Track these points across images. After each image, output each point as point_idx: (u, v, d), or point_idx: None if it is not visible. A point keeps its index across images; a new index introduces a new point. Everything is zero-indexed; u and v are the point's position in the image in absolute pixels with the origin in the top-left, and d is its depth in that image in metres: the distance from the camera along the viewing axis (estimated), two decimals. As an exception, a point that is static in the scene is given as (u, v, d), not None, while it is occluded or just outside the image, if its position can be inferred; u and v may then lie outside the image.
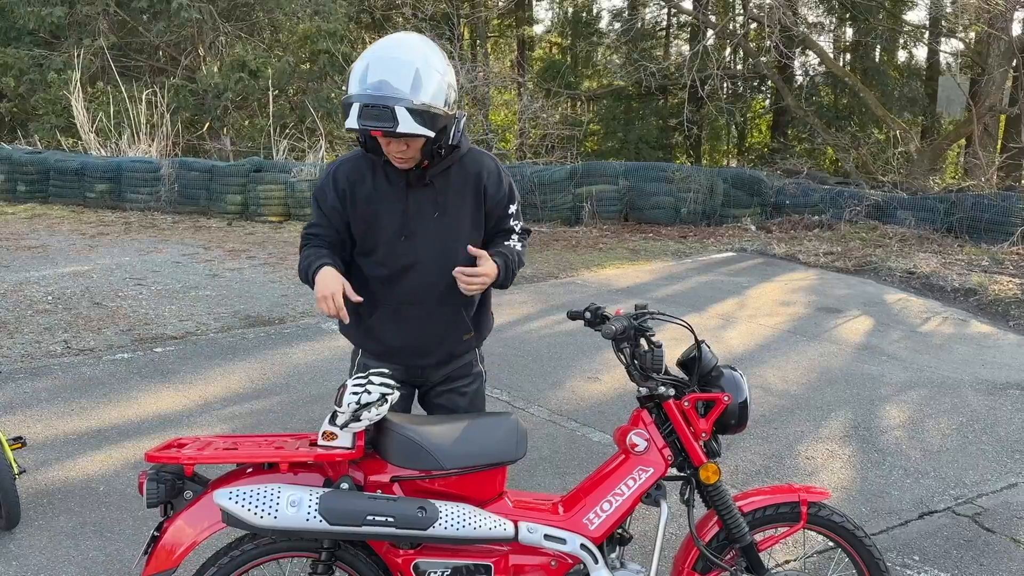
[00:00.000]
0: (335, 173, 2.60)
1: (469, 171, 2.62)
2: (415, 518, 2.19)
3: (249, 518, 2.11)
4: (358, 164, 2.59)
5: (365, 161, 2.58)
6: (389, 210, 2.55)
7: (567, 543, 2.36)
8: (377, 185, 2.56)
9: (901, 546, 3.64)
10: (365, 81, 2.34)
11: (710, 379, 2.52)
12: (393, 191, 2.55)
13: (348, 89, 2.40)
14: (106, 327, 6.59)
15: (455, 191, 2.59)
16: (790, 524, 2.53)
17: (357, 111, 2.31)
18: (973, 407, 5.25)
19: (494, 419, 2.45)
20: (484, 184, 2.63)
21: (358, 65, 2.40)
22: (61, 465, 4.18)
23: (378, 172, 2.56)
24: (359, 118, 2.31)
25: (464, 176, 2.61)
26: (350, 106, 2.33)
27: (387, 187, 2.55)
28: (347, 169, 2.59)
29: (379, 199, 2.55)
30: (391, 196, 2.55)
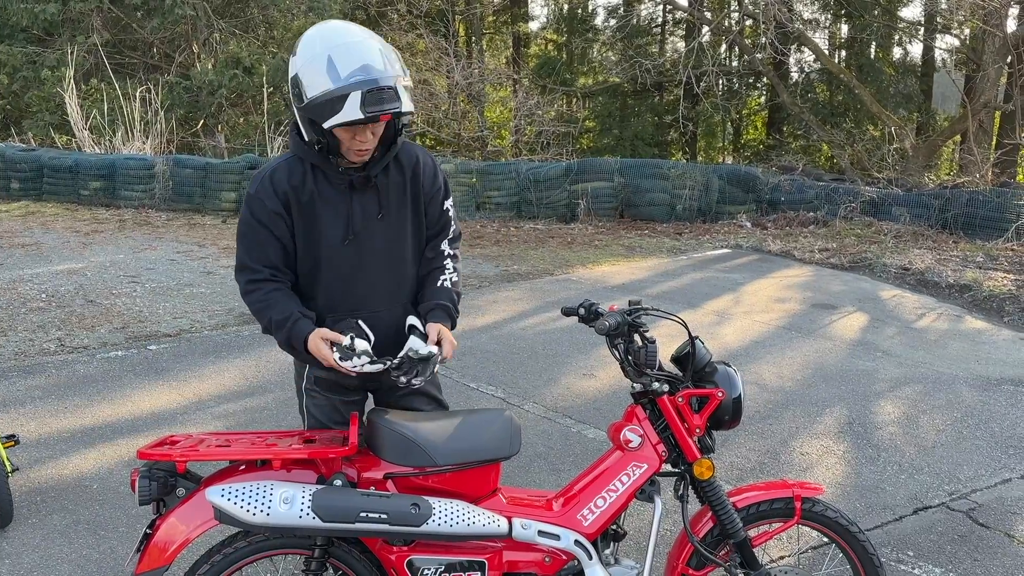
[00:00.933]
0: (271, 178, 2.40)
1: (405, 166, 2.52)
2: (409, 515, 2.19)
3: (242, 515, 2.10)
4: (294, 168, 2.42)
5: (300, 165, 2.41)
6: (332, 213, 2.43)
7: (561, 539, 2.36)
8: (319, 188, 2.41)
9: (895, 541, 3.64)
10: (342, 71, 2.20)
11: (704, 375, 2.52)
12: (336, 194, 2.42)
13: (309, 90, 2.23)
14: (100, 325, 6.57)
15: (396, 190, 2.50)
16: (784, 520, 2.53)
17: (359, 99, 2.18)
18: (967, 403, 5.26)
19: (488, 415, 2.45)
20: (421, 179, 2.54)
21: (316, 60, 2.23)
22: (54, 463, 4.17)
23: (317, 175, 2.41)
24: (364, 106, 2.18)
25: (402, 173, 2.51)
26: (342, 98, 2.18)
27: (329, 190, 2.42)
28: (283, 174, 2.40)
29: (322, 202, 2.42)
30: (334, 199, 2.42)
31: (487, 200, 11.98)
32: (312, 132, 2.33)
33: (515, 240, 10.57)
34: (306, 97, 2.26)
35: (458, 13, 19.75)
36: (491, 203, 11.97)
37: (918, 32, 19.59)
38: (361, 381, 2.51)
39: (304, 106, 2.28)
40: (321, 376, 2.53)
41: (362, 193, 2.45)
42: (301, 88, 2.27)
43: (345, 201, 2.44)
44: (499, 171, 12.13)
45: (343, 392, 2.57)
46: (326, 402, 2.57)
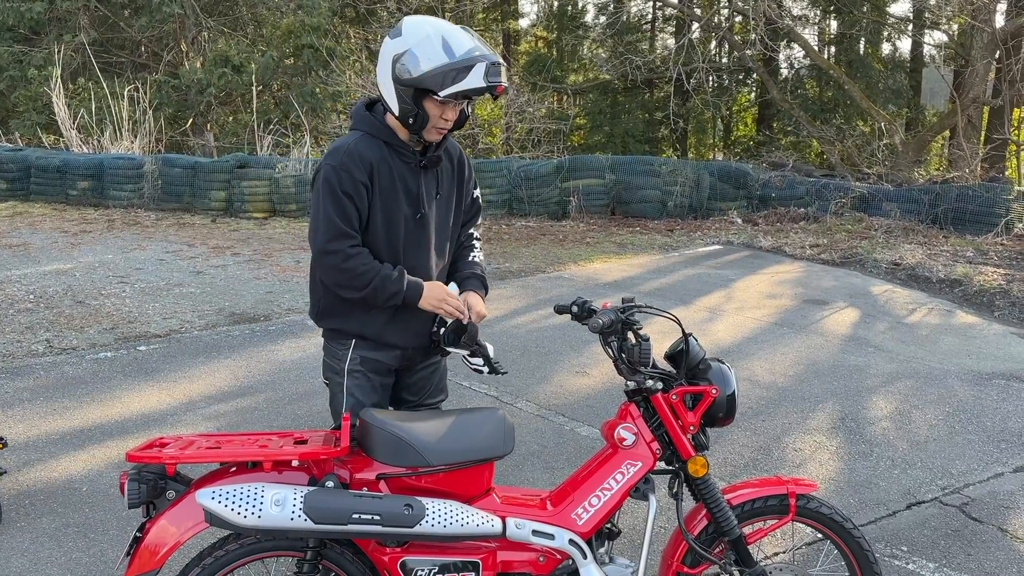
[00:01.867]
0: (355, 153, 2.51)
1: (452, 155, 2.74)
2: (402, 516, 2.17)
3: (233, 518, 2.08)
4: (370, 144, 2.55)
5: (373, 144, 2.55)
6: (406, 189, 2.58)
7: (555, 539, 2.34)
8: (393, 165, 2.56)
9: (889, 536, 3.64)
10: (457, 50, 2.39)
11: (698, 372, 2.50)
12: (408, 170, 2.59)
13: (424, 63, 2.40)
14: (89, 326, 6.53)
15: (447, 173, 2.71)
16: (779, 517, 2.53)
17: (484, 70, 2.38)
18: (959, 397, 5.27)
19: (481, 414, 2.43)
20: (465, 167, 2.78)
21: (429, 40, 2.41)
22: (43, 466, 4.13)
23: (391, 151, 2.57)
24: (487, 76, 2.38)
25: (450, 160, 2.73)
26: (467, 69, 2.37)
27: (403, 166, 2.58)
28: (359, 153, 2.53)
29: (396, 178, 2.57)
30: (407, 175, 2.59)
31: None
32: (412, 105, 2.46)
33: (507, 238, 10.55)
34: (420, 70, 2.41)
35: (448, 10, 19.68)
36: (482, 201, 11.93)
37: (907, 28, 19.63)
38: (397, 361, 2.69)
39: (416, 77, 2.41)
40: (368, 356, 2.64)
41: (427, 172, 2.63)
42: (415, 62, 2.42)
43: (415, 179, 2.60)
44: (490, 168, 12.10)
45: (383, 372, 2.68)
46: (368, 383, 2.65)
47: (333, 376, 2.69)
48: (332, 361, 2.70)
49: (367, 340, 2.63)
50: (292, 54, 16.99)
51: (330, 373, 2.71)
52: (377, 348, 2.63)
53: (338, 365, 2.67)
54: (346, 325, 2.64)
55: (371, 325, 2.61)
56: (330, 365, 2.71)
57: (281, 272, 8.49)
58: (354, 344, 2.64)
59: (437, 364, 2.86)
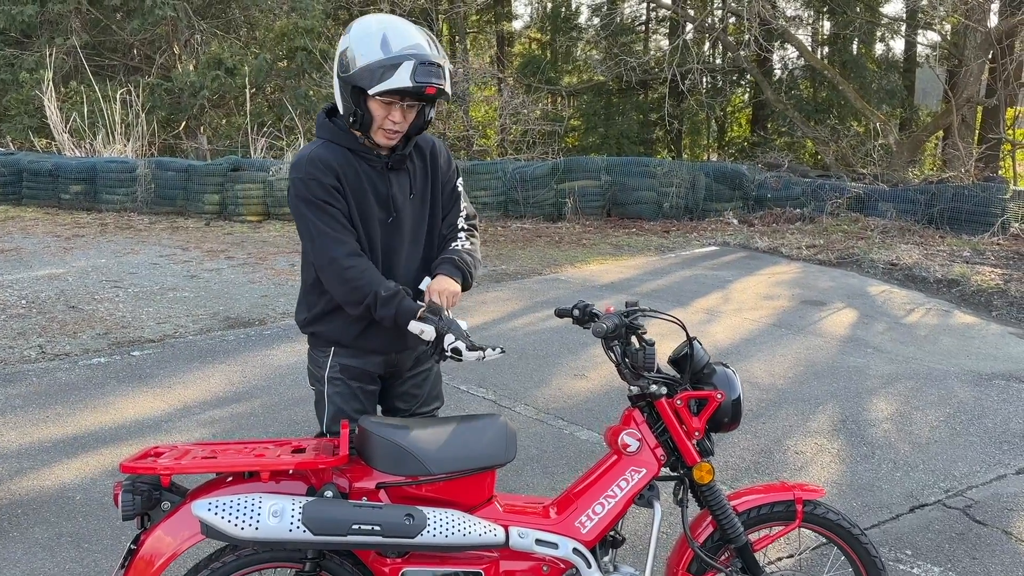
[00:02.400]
0: (316, 161, 2.43)
1: (424, 150, 2.63)
2: (402, 526, 2.12)
3: (229, 530, 2.03)
4: (333, 150, 2.46)
5: (335, 150, 2.46)
6: (376, 192, 2.50)
7: (559, 547, 2.30)
8: (359, 169, 2.48)
9: (893, 540, 3.60)
10: (394, 46, 2.31)
11: (702, 376, 2.46)
12: (376, 173, 2.50)
13: (359, 60, 2.32)
14: (82, 331, 6.46)
15: (420, 171, 2.61)
16: (785, 523, 2.49)
17: (411, 69, 2.28)
18: (960, 398, 5.24)
19: (482, 421, 2.38)
20: (439, 159, 2.66)
21: (370, 35, 2.34)
22: (36, 474, 4.07)
23: (356, 157, 2.48)
24: (414, 75, 2.28)
25: (422, 157, 2.63)
26: (394, 67, 2.28)
27: (370, 169, 2.49)
28: (326, 154, 2.45)
29: (365, 182, 2.48)
30: (375, 179, 2.50)
31: (474, 200, 11.90)
32: (351, 103, 2.38)
33: (503, 240, 10.51)
34: (355, 66, 2.34)
35: (441, 12, 19.64)
36: (478, 203, 11.89)
37: (900, 28, 19.65)
38: (380, 368, 2.61)
39: (351, 74, 2.34)
40: (347, 364, 2.57)
41: (397, 174, 2.54)
42: (351, 58, 2.35)
43: (384, 181, 2.51)
44: (485, 170, 12.06)
45: (364, 380, 2.60)
46: (348, 390, 2.57)
47: (316, 383, 2.64)
48: (314, 368, 2.64)
49: (346, 347, 2.56)
50: (286, 56, 16.93)
51: (313, 380, 2.66)
52: (357, 355, 2.57)
53: (319, 372, 2.61)
54: (326, 331, 2.57)
55: (349, 332, 2.54)
56: (312, 372, 2.65)
57: (276, 276, 8.43)
58: (333, 351, 2.58)
59: (429, 371, 2.77)
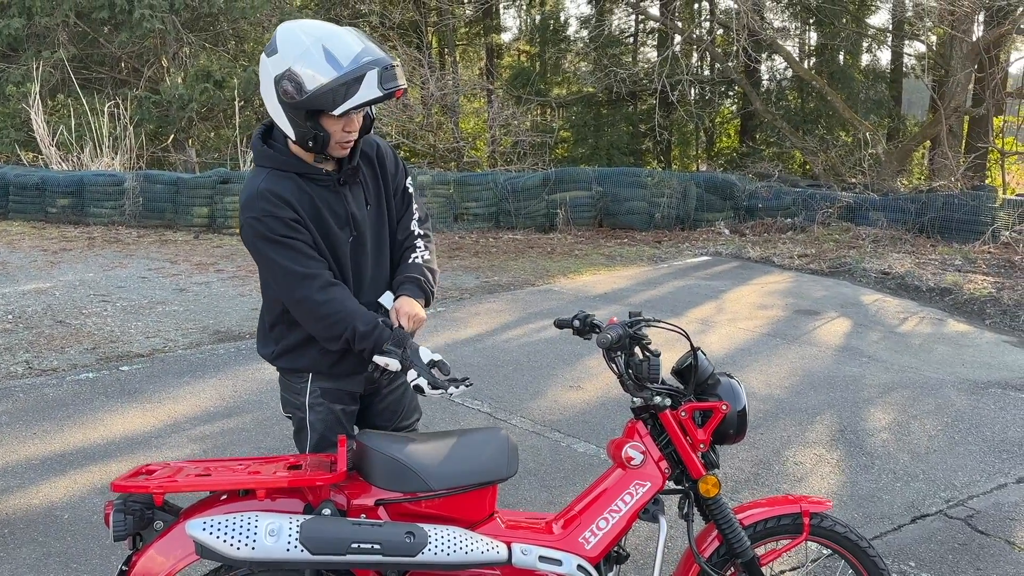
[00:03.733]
0: (267, 196, 2.29)
1: (370, 156, 2.51)
2: (403, 544, 2.06)
3: (225, 550, 1.96)
4: (280, 180, 2.32)
5: (283, 180, 2.33)
6: (334, 215, 2.39)
7: (563, 564, 2.24)
8: (313, 193, 2.36)
9: (896, 552, 3.56)
10: (343, 59, 2.17)
11: (707, 388, 2.42)
12: (330, 193, 2.39)
13: (310, 82, 2.18)
14: (70, 346, 6.37)
15: (371, 179, 2.51)
16: (792, 536, 2.44)
17: (377, 78, 2.18)
18: (957, 407, 5.22)
19: (483, 435, 2.33)
20: (385, 162, 2.55)
21: (309, 53, 2.18)
22: (23, 492, 3.99)
23: (306, 181, 2.35)
24: (381, 83, 2.18)
25: (369, 162, 2.51)
26: (358, 80, 2.16)
27: (323, 191, 2.37)
28: (275, 186, 2.30)
29: (321, 207, 2.37)
30: (330, 199, 2.39)
31: (465, 211, 11.87)
32: (306, 127, 2.25)
33: (495, 251, 10.46)
34: (308, 89, 2.19)
35: (430, 25, 19.66)
36: (469, 214, 11.85)
37: (887, 39, 19.78)
38: (360, 386, 2.53)
39: (307, 98, 2.19)
40: (326, 387, 2.48)
41: (350, 188, 2.43)
42: (298, 82, 2.19)
43: (340, 200, 2.41)
44: (476, 182, 12.03)
45: (345, 401, 2.52)
46: (330, 414, 2.49)
47: (294, 411, 2.53)
48: (290, 396, 2.53)
49: (325, 371, 2.46)
50: (274, 69, 16.88)
51: (290, 408, 2.55)
52: (336, 378, 2.47)
53: (298, 400, 2.50)
54: (301, 362, 2.47)
55: (325, 361, 2.44)
56: (288, 400, 2.54)
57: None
58: (311, 377, 2.47)
59: (407, 384, 2.57)
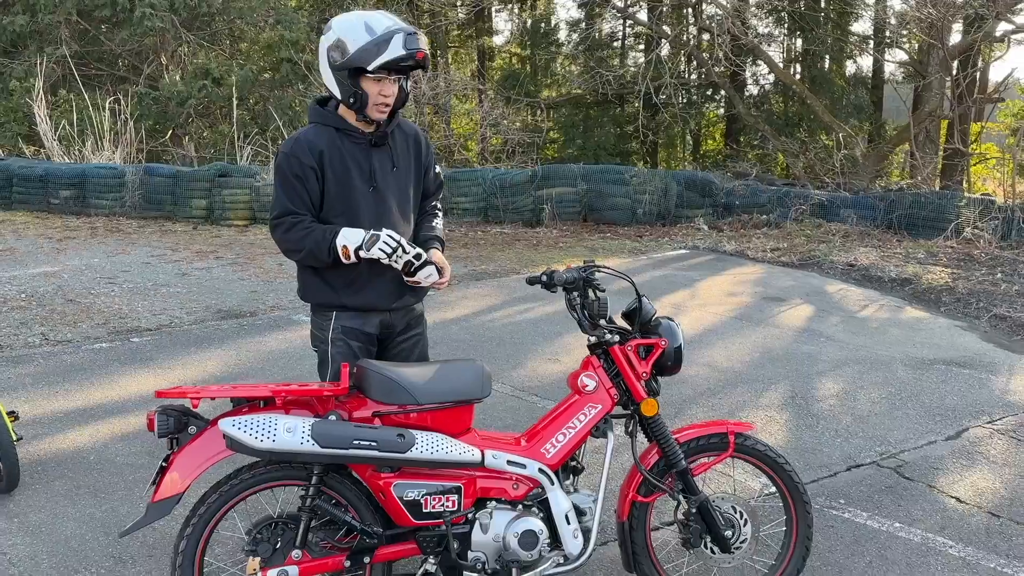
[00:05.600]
0: (303, 141, 2.85)
1: (408, 133, 3.07)
2: (395, 442, 2.53)
3: (250, 442, 2.42)
4: (319, 133, 2.88)
5: (323, 131, 2.88)
6: (358, 167, 2.89)
7: (527, 468, 2.71)
8: (344, 147, 2.88)
9: (829, 493, 4.03)
10: (377, 29, 2.72)
11: (649, 327, 2.89)
12: (359, 150, 2.90)
13: (351, 46, 2.72)
14: (81, 321, 6.80)
15: (402, 149, 3.02)
16: (719, 452, 2.91)
17: (402, 40, 2.71)
18: (902, 379, 5.70)
19: (462, 363, 2.79)
20: (421, 144, 3.10)
21: (354, 26, 2.75)
22: (52, 439, 4.43)
23: (342, 137, 2.88)
24: (405, 45, 2.71)
25: (405, 137, 3.04)
26: (387, 41, 2.69)
27: (353, 147, 2.89)
28: (307, 141, 2.86)
29: (349, 158, 2.88)
30: (358, 155, 2.90)
31: (455, 206, 12.33)
32: (349, 86, 2.78)
33: (483, 243, 10.93)
34: (349, 52, 2.74)
35: (423, 27, 20.13)
36: (459, 208, 12.32)
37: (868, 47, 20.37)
38: (377, 328, 2.99)
39: (348, 59, 2.74)
40: (348, 326, 2.96)
41: (379, 150, 2.95)
42: (343, 47, 2.75)
43: (367, 157, 2.92)
44: (466, 178, 12.50)
45: (362, 340, 2.99)
46: (348, 349, 2.96)
47: (320, 344, 3.02)
48: (318, 331, 3.02)
49: (347, 310, 2.95)
50: (271, 68, 17.33)
51: (317, 342, 3.04)
52: (357, 317, 2.95)
53: (323, 335, 2.99)
54: (327, 298, 2.96)
55: (349, 292, 2.93)
56: (316, 335, 3.04)
57: (264, 274, 8.79)
58: (335, 315, 2.97)
59: (419, 336, 3.16)
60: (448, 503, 2.63)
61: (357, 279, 2.92)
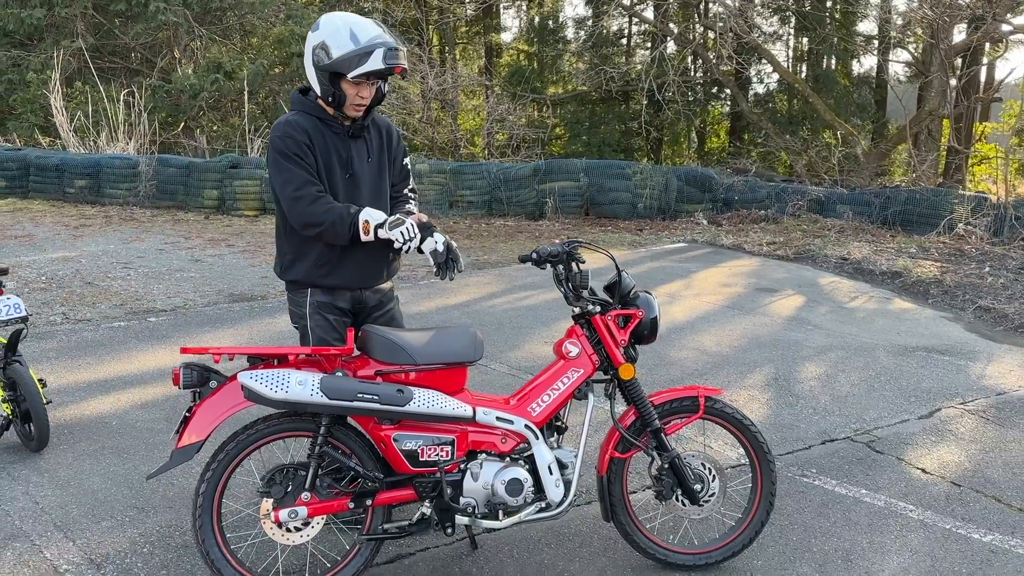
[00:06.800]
0: (293, 123, 3.06)
1: (381, 127, 3.31)
2: (395, 396, 2.81)
3: (266, 392, 2.71)
4: (302, 121, 3.08)
5: (307, 118, 3.10)
6: (337, 154, 3.13)
7: (514, 423, 2.99)
8: (325, 135, 3.12)
9: (802, 463, 4.31)
10: (362, 38, 2.93)
11: (628, 300, 3.17)
12: (338, 139, 3.14)
13: (335, 51, 2.94)
14: (100, 302, 7.11)
15: (376, 141, 3.27)
16: (690, 414, 3.18)
17: (383, 54, 2.92)
18: (883, 364, 5.97)
19: (457, 329, 3.08)
20: (393, 137, 3.35)
21: (339, 31, 2.95)
22: (76, 406, 4.73)
23: (323, 126, 3.11)
24: (385, 59, 2.93)
25: (379, 131, 3.29)
26: (368, 54, 2.91)
27: (334, 136, 3.14)
28: (296, 123, 3.06)
29: (330, 146, 3.12)
30: (338, 144, 3.14)
31: (459, 199, 12.62)
32: (329, 86, 3.02)
33: (486, 235, 11.21)
34: (331, 57, 2.96)
35: (432, 23, 20.41)
36: (463, 201, 12.61)
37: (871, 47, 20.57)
38: (349, 303, 3.24)
39: (330, 63, 2.96)
40: (323, 301, 3.22)
41: (356, 141, 3.20)
42: (327, 50, 2.97)
43: (345, 146, 3.18)
44: (471, 171, 12.78)
45: (336, 313, 3.25)
46: (325, 322, 3.23)
47: (299, 320, 3.28)
48: (295, 308, 3.28)
49: (320, 287, 3.19)
50: (282, 62, 17.65)
51: (296, 318, 3.30)
52: (329, 293, 3.18)
53: (300, 311, 3.25)
54: (302, 276, 3.20)
55: (321, 272, 3.16)
56: (294, 312, 3.29)
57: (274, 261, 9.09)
58: (310, 292, 3.21)
59: (392, 311, 3.40)
60: (442, 453, 2.92)
61: (329, 261, 3.17)
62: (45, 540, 3.34)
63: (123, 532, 3.41)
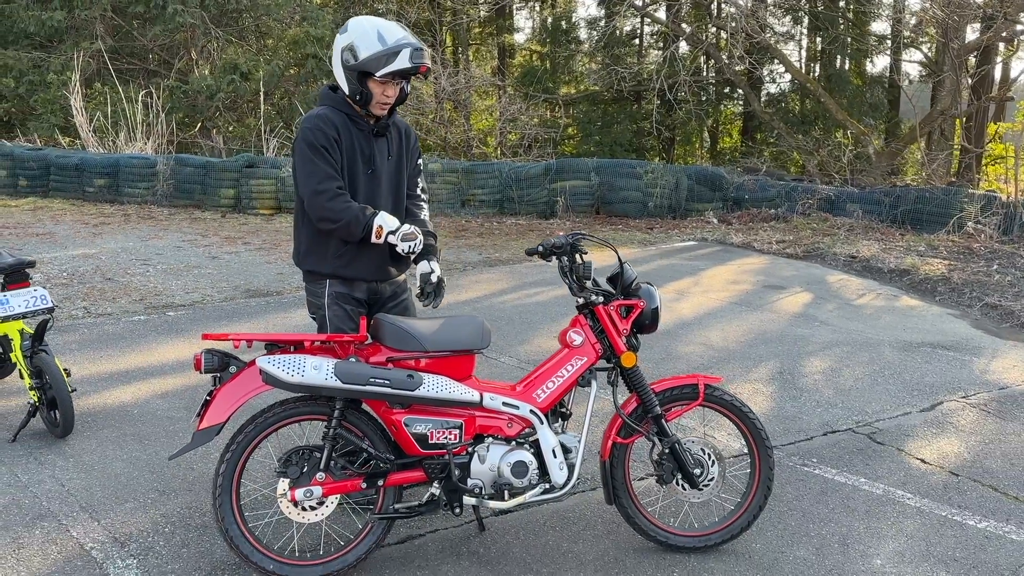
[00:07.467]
0: (323, 117, 3.22)
1: (401, 129, 3.49)
2: (406, 381, 2.94)
3: (283, 376, 2.85)
4: (332, 116, 3.24)
5: (337, 114, 3.26)
6: (361, 151, 3.30)
7: (520, 409, 3.12)
8: (352, 131, 3.28)
9: (804, 454, 4.41)
10: (388, 39, 3.11)
11: (631, 291, 3.29)
12: (363, 136, 3.31)
13: (363, 52, 3.11)
14: (120, 297, 7.29)
15: (396, 140, 3.44)
16: (690, 401, 3.30)
17: (409, 54, 3.10)
18: (887, 359, 6.05)
19: (465, 318, 3.21)
20: (411, 138, 3.53)
21: (368, 33, 3.13)
22: (99, 395, 4.89)
23: (350, 123, 3.27)
24: (411, 59, 3.10)
25: (399, 131, 3.47)
26: (396, 54, 3.09)
27: (359, 133, 3.30)
28: (327, 117, 3.23)
29: (355, 142, 3.28)
30: (362, 141, 3.31)
31: (471, 197, 12.76)
32: (357, 85, 3.18)
33: (497, 233, 11.34)
34: (360, 57, 3.12)
35: (445, 24, 20.56)
36: (475, 200, 12.74)
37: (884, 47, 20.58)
38: (365, 294, 3.38)
39: (359, 63, 3.13)
40: (340, 292, 3.36)
41: (379, 139, 3.37)
42: (355, 51, 3.14)
43: (369, 143, 3.34)
44: (483, 170, 12.92)
45: (353, 304, 3.39)
46: (344, 312, 3.37)
47: (317, 311, 3.42)
48: (313, 299, 3.42)
49: (338, 278, 3.34)
50: (297, 63, 17.85)
51: (314, 309, 3.44)
52: (347, 283, 3.33)
53: (319, 301, 3.39)
54: (321, 266, 3.34)
55: (340, 263, 3.31)
56: (312, 303, 3.44)
57: (290, 258, 9.23)
58: (328, 283, 3.36)
59: (404, 301, 3.55)
60: (451, 436, 3.05)
61: (347, 252, 3.31)
62: (71, 520, 3.50)
63: (145, 513, 3.56)
